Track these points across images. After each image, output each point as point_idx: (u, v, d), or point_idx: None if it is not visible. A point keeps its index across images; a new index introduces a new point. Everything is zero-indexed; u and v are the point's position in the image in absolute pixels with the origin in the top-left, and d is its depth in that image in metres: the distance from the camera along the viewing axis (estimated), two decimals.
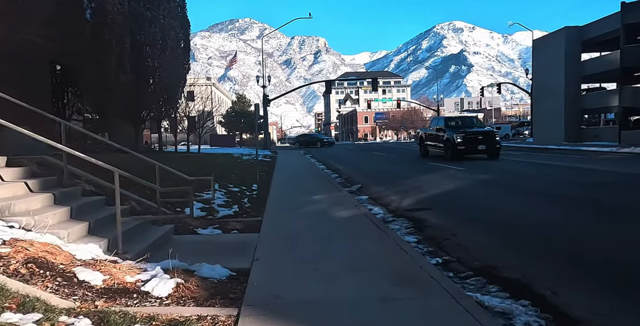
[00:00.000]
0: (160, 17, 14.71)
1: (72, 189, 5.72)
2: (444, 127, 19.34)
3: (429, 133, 21.33)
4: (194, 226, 6.52)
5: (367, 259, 4.82)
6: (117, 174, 4.50)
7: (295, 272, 4.38)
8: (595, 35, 32.20)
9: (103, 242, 4.51)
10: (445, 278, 4.12)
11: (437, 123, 20.85)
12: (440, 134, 19.29)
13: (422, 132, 23.29)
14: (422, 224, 6.95)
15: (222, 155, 22.84)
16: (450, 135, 18.27)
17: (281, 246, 5.41)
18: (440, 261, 4.96)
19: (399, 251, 5.11)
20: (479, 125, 20.81)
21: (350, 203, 8.72)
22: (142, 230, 5.45)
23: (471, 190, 10.21)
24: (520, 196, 9.18)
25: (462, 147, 17.84)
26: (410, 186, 11.16)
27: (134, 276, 3.80)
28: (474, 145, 17.89)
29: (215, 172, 12.90)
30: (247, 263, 4.69)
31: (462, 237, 5.99)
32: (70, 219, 4.90)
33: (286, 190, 11.24)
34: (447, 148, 18.47)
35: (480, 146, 17.90)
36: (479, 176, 12.52)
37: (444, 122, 20.22)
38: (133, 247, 4.76)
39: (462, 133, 18.01)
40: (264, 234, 6.13)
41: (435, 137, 20.06)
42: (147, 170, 7.46)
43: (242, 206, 8.55)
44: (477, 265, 4.74)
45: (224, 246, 5.51)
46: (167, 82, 15.71)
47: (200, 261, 4.59)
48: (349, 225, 6.65)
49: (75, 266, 3.73)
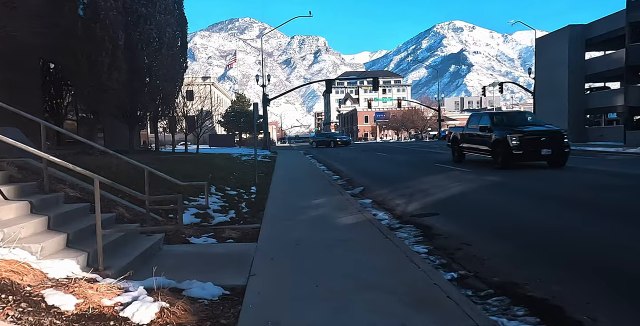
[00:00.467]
0: (156, 14, 14.23)
1: (53, 196, 5.26)
2: (491, 125, 15.12)
3: (467, 133, 16.97)
4: (187, 235, 6.05)
5: (376, 274, 4.36)
6: (97, 181, 4.03)
7: (296, 290, 3.92)
8: (600, 33, 31.80)
9: (82, 257, 4.05)
10: (465, 300, 3.66)
11: (478, 120, 16.51)
12: (484, 134, 15.19)
13: (455, 132, 18.42)
14: (432, 232, 6.49)
15: (221, 155, 22.37)
16: (501, 136, 14.17)
17: (280, 259, 4.95)
18: (455, 276, 4.50)
19: (409, 265, 4.65)
20: (537, 122, 16.09)
21: (353, 207, 8.26)
22: (129, 241, 4.98)
23: (478, 193, 9.75)
24: (536, 200, 8.71)
25: (518, 152, 13.62)
26: (415, 189, 10.70)
27: (112, 299, 3.33)
28: (536, 148, 13.65)
29: (213, 174, 12.51)
30: (243, 279, 4.23)
31: (477, 247, 5.53)
32: (48, 230, 4.44)
33: (286, 193, 10.79)
34: (497, 153, 14.36)
35: (545, 150, 13.63)
36: (487, 178, 12.07)
37: (490, 118, 15.71)
38: (116, 261, 4.30)
39: (518, 134, 13.76)
40: (261, 244, 5.67)
41: (476, 138, 15.95)
42: (137, 174, 7.02)
43: (239, 211, 8.09)
44: (497, 282, 4.28)
45: (218, 258, 5.04)
46: (163, 80, 15.23)
47: (191, 277, 4.13)
48: (354, 234, 6.19)
49: (45, 288, 3.27)
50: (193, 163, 14.10)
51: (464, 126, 17.92)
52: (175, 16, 16.23)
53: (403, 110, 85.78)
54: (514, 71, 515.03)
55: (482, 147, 15.51)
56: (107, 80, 11.94)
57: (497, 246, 5.54)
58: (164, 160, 12.94)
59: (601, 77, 33.75)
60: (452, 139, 18.40)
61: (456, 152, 17.88)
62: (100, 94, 12.07)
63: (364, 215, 7.43)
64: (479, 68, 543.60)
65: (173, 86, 16.54)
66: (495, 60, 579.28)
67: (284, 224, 6.92)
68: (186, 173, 11.04)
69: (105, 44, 11.78)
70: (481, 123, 15.82)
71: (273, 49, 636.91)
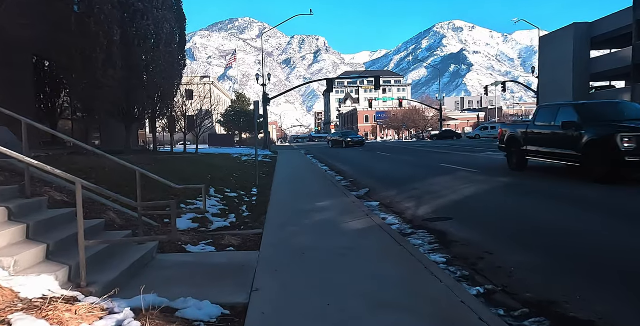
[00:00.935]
0: (154, 9, 13.74)
1: (35, 200, 4.78)
2: (579, 120, 10.73)
3: (535, 131, 12.43)
4: (184, 242, 5.58)
5: (393, 289, 3.89)
6: (80, 185, 3.56)
7: (304, 310, 3.45)
8: (606, 31, 31.35)
9: (62, 271, 3.57)
10: (500, 322, 3.19)
11: (554, 114, 11.84)
12: (568, 134, 10.86)
13: (513, 131, 13.61)
14: (447, 238, 6.02)
15: (220, 155, 21.90)
16: (601, 135, 9.91)
17: (285, 271, 4.48)
18: (482, 292, 4.03)
19: (429, 278, 4.18)
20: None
21: (360, 211, 7.79)
22: (118, 250, 4.51)
23: (492, 195, 9.27)
24: (563, 204, 8.23)
25: (634, 159, 9.14)
26: (424, 190, 10.22)
27: (92, 324, 2.86)
28: None
29: (212, 175, 12.02)
30: (244, 295, 3.76)
31: (499, 256, 5.05)
32: (26, 240, 3.97)
33: (288, 195, 10.32)
34: (593, 160, 10.02)
35: None
36: (499, 179, 11.59)
37: (577, 111, 11.13)
38: (103, 276, 3.82)
39: (634, 133, 9.31)
40: (264, 252, 5.20)
41: (553, 139, 11.63)
42: (130, 175, 6.54)
43: (239, 215, 7.61)
44: (530, 298, 3.80)
45: (217, 269, 4.57)
46: (161, 78, 14.75)
47: (186, 293, 3.67)
48: (364, 240, 5.73)
49: (13, 312, 2.80)
50: (191, 164, 13.62)
51: (528, 123, 13.44)
52: (173, 12, 15.76)
53: (404, 109, 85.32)
54: (514, 71, 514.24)
55: (564, 150, 11.06)
56: (102, 77, 11.46)
57: (522, 256, 5.06)
58: (161, 161, 12.47)
59: (606, 75, 33.35)
60: (508, 140, 13.64)
61: (515, 157, 13.14)
62: (95, 91, 11.59)
63: (373, 220, 6.96)
64: (479, 68, 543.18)
65: (171, 84, 16.07)
66: (495, 60, 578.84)
67: (288, 230, 6.45)
68: (184, 175, 10.57)
69: (99, 39, 11.30)
70: (562, 118, 11.23)
71: (273, 49, 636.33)
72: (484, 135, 56.03)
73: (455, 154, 23.02)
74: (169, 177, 9.01)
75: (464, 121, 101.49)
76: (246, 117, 53.48)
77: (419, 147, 34.38)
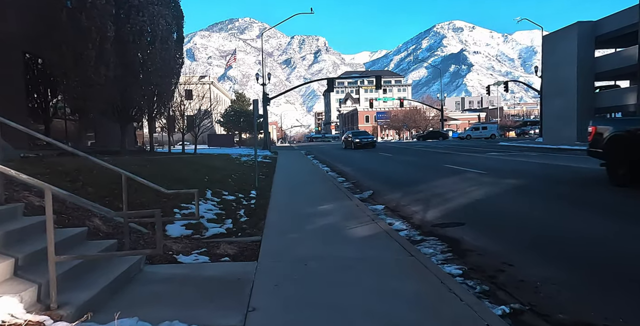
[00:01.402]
0: (149, 5, 13.27)
1: (9, 207, 4.32)
2: None
3: None
4: (175, 251, 5.12)
5: (408, 309, 3.43)
6: (49, 192, 3.10)
7: None
8: (610, 30, 30.85)
9: (29, 291, 3.11)
10: None
11: None
12: None
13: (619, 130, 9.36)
14: (461, 246, 5.56)
15: (219, 156, 21.43)
16: None
17: (286, 286, 4.02)
18: (507, 311, 3.56)
19: (447, 294, 3.72)
20: None
21: (365, 215, 7.34)
22: (99, 263, 4.05)
23: (502, 198, 8.81)
24: (579, 208, 7.78)
25: None
26: (430, 193, 9.76)
27: None
28: None
29: (209, 176, 11.54)
30: (239, 316, 3.31)
31: (521, 268, 4.60)
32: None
33: (288, 197, 9.87)
34: None
35: None
36: (507, 181, 11.13)
37: None
38: (78, 294, 3.36)
39: None
40: (263, 263, 4.75)
41: None
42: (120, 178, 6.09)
43: (237, 220, 7.14)
44: (565, 321, 3.34)
45: (209, 284, 4.11)
46: (157, 76, 14.27)
47: (172, 313, 3.23)
48: (371, 249, 5.27)
49: None
50: (188, 165, 13.15)
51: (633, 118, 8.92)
52: (170, 8, 15.29)
53: (404, 109, 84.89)
54: (514, 71, 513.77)
55: None
56: (94, 74, 11.00)
57: (547, 268, 4.60)
58: (156, 162, 12.01)
59: (611, 75, 32.85)
60: (609, 143, 9.43)
61: (622, 168, 9.05)
62: (86, 90, 11.12)
63: (379, 225, 6.51)
64: (479, 68, 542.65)
65: (169, 83, 15.59)
66: (496, 60, 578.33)
67: (289, 237, 5.99)
68: (180, 176, 10.12)
69: (91, 35, 10.83)
70: None
71: (273, 49, 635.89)
72: (474, 136, 57.86)
73: (461, 155, 22.56)
74: (163, 179, 8.55)
75: (465, 121, 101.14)
76: (246, 117, 53.03)
77: (420, 147, 33.94)
